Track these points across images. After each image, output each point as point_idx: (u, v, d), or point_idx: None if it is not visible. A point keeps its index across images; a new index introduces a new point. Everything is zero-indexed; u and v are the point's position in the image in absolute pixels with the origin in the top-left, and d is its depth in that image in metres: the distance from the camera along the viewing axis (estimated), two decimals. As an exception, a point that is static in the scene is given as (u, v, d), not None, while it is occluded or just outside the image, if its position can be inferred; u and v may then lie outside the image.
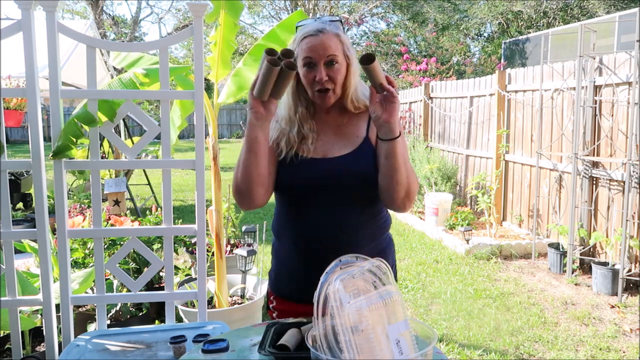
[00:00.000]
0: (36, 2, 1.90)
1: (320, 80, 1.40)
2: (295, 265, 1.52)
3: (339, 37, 1.43)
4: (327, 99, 1.44)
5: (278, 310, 1.60)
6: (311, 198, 1.46)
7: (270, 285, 1.63)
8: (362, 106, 1.51)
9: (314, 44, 1.40)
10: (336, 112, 1.52)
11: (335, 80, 1.43)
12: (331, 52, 1.40)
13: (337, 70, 1.42)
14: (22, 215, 5.25)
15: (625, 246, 3.90)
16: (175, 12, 19.49)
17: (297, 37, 1.44)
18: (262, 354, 1.24)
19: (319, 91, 1.43)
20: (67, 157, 2.01)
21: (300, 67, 1.43)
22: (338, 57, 1.41)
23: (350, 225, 1.46)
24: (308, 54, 1.40)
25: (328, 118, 1.53)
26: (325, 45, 1.40)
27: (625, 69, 4.09)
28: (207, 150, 2.80)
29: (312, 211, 1.46)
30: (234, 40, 2.85)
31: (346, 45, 1.45)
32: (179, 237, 3.87)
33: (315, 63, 1.41)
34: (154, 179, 7.82)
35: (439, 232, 5.73)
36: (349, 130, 1.50)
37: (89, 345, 1.77)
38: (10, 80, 3.99)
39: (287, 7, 17.42)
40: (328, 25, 1.43)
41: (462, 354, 3.11)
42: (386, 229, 1.59)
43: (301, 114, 1.49)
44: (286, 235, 1.54)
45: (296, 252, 1.51)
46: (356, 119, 1.52)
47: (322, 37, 1.40)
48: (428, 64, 10.60)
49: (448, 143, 7.35)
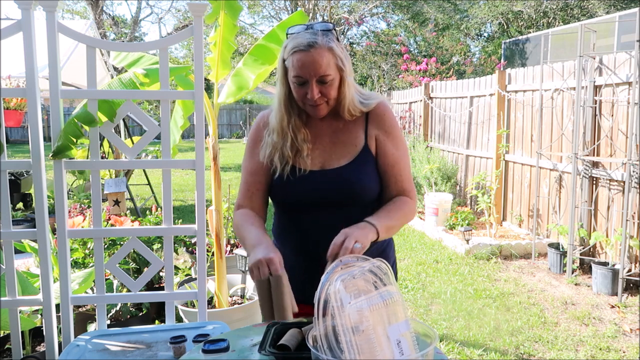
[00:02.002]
0: (36, 2, 1.90)
1: (312, 97, 1.36)
2: (294, 266, 1.50)
3: (331, 51, 1.36)
4: (320, 110, 1.41)
5: None
6: (312, 212, 1.44)
7: None
8: (359, 113, 1.47)
9: (304, 62, 1.34)
10: (330, 118, 1.48)
11: (328, 96, 1.39)
12: (322, 71, 1.34)
13: (329, 87, 1.38)
14: (22, 215, 5.25)
15: (625, 246, 3.90)
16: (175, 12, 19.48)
17: (287, 46, 1.38)
18: (262, 354, 1.24)
19: (311, 105, 1.40)
20: (67, 157, 2.01)
21: (291, 81, 1.39)
22: (330, 76, 1.36)
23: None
24: (299, 72, 1.35)
25: (323, 125, 1.49)
26: (317, 63, 1.33)
27: (625, 69, 4.09)
28: (207, 150, 2.80)
29: (312, 223, 1.45)
30: (234, 41, 2.86)
31: (339, 58, 1.38)
32: (179, 237, 3.87)
33: (306, 81, 1.36)
34: (154, 179, 7.82)
35: (439, 232, 5.73)
36: (345, 137, 1.47)
37: (89, 345, 1.77)
38: (10, 80, 3.99)
39: (287, 7, 17.42)
40: (320, 38, 1.35)
41: (462, 353, 3.11)
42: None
43: (294, 123, 1.45)
44: (286, 241, 1.53)
45: (296, 258, 1.50)
46: (352, 124, 1.48)
47: (314, 54, 1.33)
48: (428, 64, 10.60)
49: (448, 143, 7.35)
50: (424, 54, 13.50)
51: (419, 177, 6.71)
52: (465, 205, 6.48)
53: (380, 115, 1.48)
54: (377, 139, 1.47)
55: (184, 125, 3.15)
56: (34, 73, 1.91)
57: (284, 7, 17.77)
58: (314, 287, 1.23)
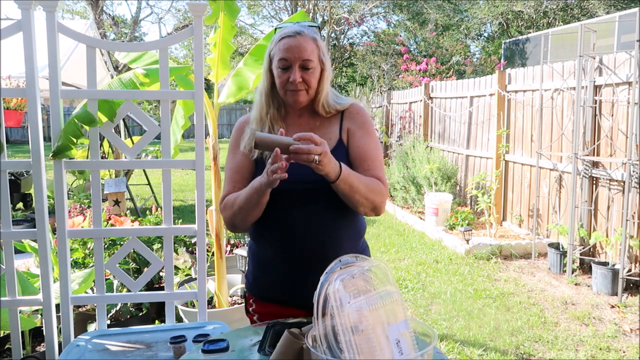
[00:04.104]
0: (36, 2, 1.90)
1: (294, 81, 1.43)
2: (278, 267, 1.51)
3: (315, 42, 1.46)
4: (299, 96, 1.46)
5: (258, 313, 1.59)
6: (287, 201, 1.46)
7: (249, 289, 1.62)
8: (334, 110, 1.53)
9: (290, 45, 1.43)
10: (308, 116, 1.54)
11: (309, 83, 1.46)
12: (306, 55, 1.43)
13: (311, 74, 1.45)
14: (22, 215, 5.25)
15: (625, 246, 3.90)
16: (175, 12, 19.46)
17: (274, 39, 1.47)
18: (262, 354, 1.24)
19: (292, 90, 1.45)
20: (67, 157, 2.01)
21: (276, 67, 1.46)
22: (313, 62, 1.45)
23: (329, 227, 1.47)
24: (284, 55, 1.43)
25: (300, 121, 1.54)
26: (302, 47, 1.43)
27: (625, 69, 4.09)
28: (207, 150, 2.80)
29: (288, 214, 1.46)
30: (232, 42, 2.87)
31: (322, 51, 1.48)
32: (179, 237, 3.87)
33: (290, 65, 1.44)
34: (154, 179, 7.83)
35: (439, 232, 5.73)
36: (321, 132, 1.50)
37: (89, 345, 1.77)
38: (10, 80, 3.99)
39: (287, 7, 17.41)
40: (306, 29, 1.46)
41: (462, 353, 3.11)
42: (363, 232, 1.61)
43: (272, 115, 1.51)
44: (265, 238, 1.54)
45: (276, 254, 1.51)
46: (328, 122, 1.54)
47: (300, 39, 1.43)
48: (428, 64, 10.59)
49: (448, 143, 7.35)
50: (424, 54, 13.50)
51: (419, 177, 6.71)
52: (465, 205, 6.48)
53: (354, 112, 1.56)
54: (349, 131, 1.53)
55: (185, 124, 3.15)
56: (34, 73, 1.91)
57: (284, 7, 17.76)
58: (297, 287, 1.22)
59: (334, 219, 1.48)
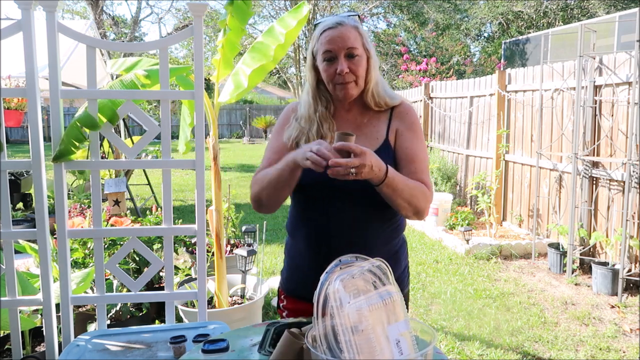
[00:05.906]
0: (36, 2, 1.90)
1: (342, 72, 1.40)
2: (308, 264, 1.50)
3: (357, 30, 1.43)
4: (349, 89, 1.43)
5: (288, 309, 1.58)
6: (326, 197, 1.45)
7: (282, 285, 1.62)
8: (384, 103, 1.50)
9: (332, 36, 1.40)
10: (357, 111, 1.52)
11: (356, 73, 1.42)
12: (350, 43, 1.40)
13: (357, 63, 1.42)
14: (22, 215, 5.25)
15: (625, 246, 3.90)
16: (175, 12, 19.48)
17: (316, 34, 1.45)
18: (262, 354, 1.24)
19: (341, 84, 1.42)
20: (68, 161, 2.01)
21: (320, 62, 1.44)
22: (358, 50, 1.41)
23: (364, 225, 1.45)
24: (328, 46, 1.40)
25: (348, 117, 1.52)
26: (345, 36, 1.40)
27: (625, 69, 4.09)
28: (207, 150, 2.80)
29: (325, 210, 1.45)
30: (239, 43, 2.86)
31: (365, 39, 1.44)
32: (179, 237, 3.87)
33: (335, 56, 1.41)
34: (154, 179, 7.82)
35: (439, 232, 5.73)
36: (368, 130, 1.49)
37: (89, 345, 1.77)
38: (10, 80, 3.99)
39: (287, 7, 17.41)
40: (347, 19, 1.43)
41: (462, 353, 3.11)
42: (400, 232, 1.58)
43: (321, 113, 1.49)
44: (299, 233, 1.53)
45: (308, 251, 1.50)
46: (376, 119, 1.51)
47: (341, 29, 1.40)
48: (428, 64, 10.60)
49: (448, 143, 7.35)
50: (424, 54, 13.50)
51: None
52: (465, 205, 6.48)
53: (403, 112, 1.53)
54: (397, 132, 1.50)
55: (191, 123, 3.16)
56: (34, 73, 1.91)
57: (284, 7, 17.77)
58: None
59: (369, 220, 1.46)
